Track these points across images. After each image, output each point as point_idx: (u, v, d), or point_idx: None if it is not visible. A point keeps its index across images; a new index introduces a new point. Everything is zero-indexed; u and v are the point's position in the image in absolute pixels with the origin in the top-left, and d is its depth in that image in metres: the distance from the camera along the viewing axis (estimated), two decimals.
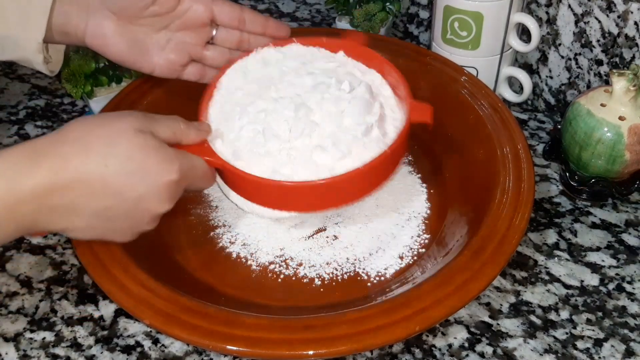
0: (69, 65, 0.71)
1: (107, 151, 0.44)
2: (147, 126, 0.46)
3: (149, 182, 0.45)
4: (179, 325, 0.46)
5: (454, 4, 0.68)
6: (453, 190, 0.61)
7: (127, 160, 0.44)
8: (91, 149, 0.44)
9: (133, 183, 0.45)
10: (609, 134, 0.59)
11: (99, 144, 0.44)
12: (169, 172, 0.46)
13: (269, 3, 0.98)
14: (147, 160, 0.45)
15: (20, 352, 0.53)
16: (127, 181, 0.44)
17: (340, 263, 0.56)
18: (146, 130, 0.46)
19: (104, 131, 0.45)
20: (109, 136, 0.45)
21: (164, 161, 0.46)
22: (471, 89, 0.64)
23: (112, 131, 0.45)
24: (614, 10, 0.65)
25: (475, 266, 0.48)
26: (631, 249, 0.60)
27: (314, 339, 0.45)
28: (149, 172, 0.45)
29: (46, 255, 0.61)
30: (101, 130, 0.45)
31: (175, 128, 0.48)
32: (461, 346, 0.53)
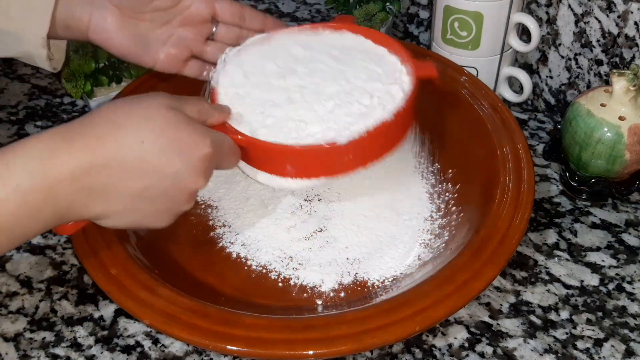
0: (69, 65, 0.71)
1: (142, 128, 0.44)
2: (175, 104, 0.46)
3: (185, 157, 0.45)
4: (179, 325, 0.46)
5: (454, 4, 0.68)
6: (453, 190, 0.61)
7: (161, 135, 0.44)
8: (125, 127, 0.44)
9: (170, 158, 0.44)
10: (609, 134, 0.59)
11: (132, 122, 0.44)
12: (203, 145, 0.46)
13: (269, 3, 0.98)
14: (181, 134, 0.45)
15: (20, 352, 0.53)
16: (164, 157, 0.44)
17: (340, 263, 0.56)
18: (175, 107, 0.46)
19: (136, 110, 0.45)
20: (141, 114, 0.45)
21: (197, 135, 0.46)
22: (471, 89, 0.64)
23: (143, 109, 0.45)
24: (614, 10, 0.65)
25: (475, 266, 0.48)
26: (631, 249, 0.60)
27: (314, 339, 0.45)
28: (184, 146, 0.45)
29: (46, 255, 0.61)
30: (132, 109, 0.45)
31: (200, 107, 0.49)
32: (461, 346, 0.53)
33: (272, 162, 0.52)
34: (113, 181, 0.43)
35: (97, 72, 0.73)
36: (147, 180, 0.44)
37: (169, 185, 0.45)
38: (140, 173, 0.44)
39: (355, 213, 0.59)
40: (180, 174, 0.45)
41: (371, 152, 0.52)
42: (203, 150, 0.46)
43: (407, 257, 0.56)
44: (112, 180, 0.43)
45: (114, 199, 0.44)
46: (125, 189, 0.44)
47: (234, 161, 0.51)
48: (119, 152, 0.43)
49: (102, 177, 0.42)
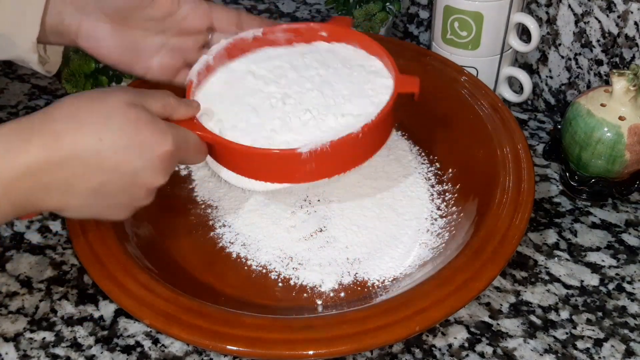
0: (69, 65, 0.71)
1: (101, 125, 0.44)
2: (138, 100, 0.46)
3: (144, 155, 0.45)
4: (179, 325, 0.46)
5: (454, 4, 0.68)
6: (453, 190, 0.61)
7: (121, 133, 0.44)
8: (84, 123, 0.44)
9: (128, 156, 0.44)
10: (609, 134, 0.59)
11: (91, 119, 0.44)
12: (163, 143, 0.45)
13: (269, 3, 0.98)
14: (141, 132, 0.45)
15: (20, 352, 0.53)
16: (123, 155, 0.44)
17: (340, 263, 0.56)
18: (138, 103, 0.46)
19: (96, 106, 0.45)
20: (101, 110, 0.44)
21: (158, 133, 0.45)
22: (471, 89, 0.64)
23: (104, 105, 0.45)
24: (614, 10, 0.65)
25: (475, 266, 0.48)
26: (631, 249, 0.60)
27: (314, 339, 0.45)
28: (144, 144, 0.45)
29: (46, 255, 0.61)
30: (93, 105, 0.45)
31: (165, 102, 0.48)
32: (461, 346, 0.53)
33: (235, 162, 0.52)
34: (70, 177, 0.43)
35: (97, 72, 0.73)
36: (104, 176, 0.44)
37: (127, 182, 0.45)
38: (97, 170, 0.44)
39: (355, 213, 0.59)
40: (139, 171, 0.45)
41: (335, 164, 0.51)
42: (163, 148, 0.45)
43: (407, 257, 0.56)
44: (69, 177, 0.43)
45: (71, 194, 0.44)
46: (83, 185, 0.44)
47: (200, 158, 0.51)
48: (76, 149, 0.43)
49: (59, 174, 0.43)
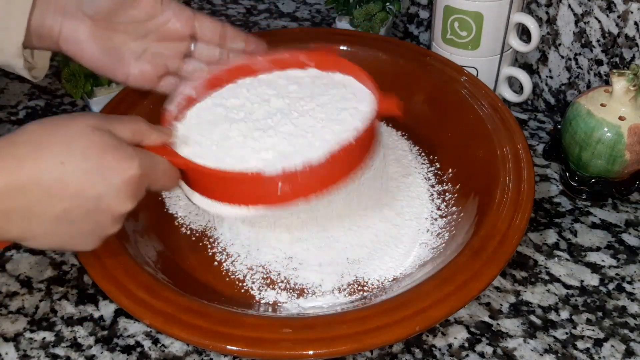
0: (69, 65, 0.71)
1: (64, 150, 0.43)
2: (104, 125, 0.45)
3: (109, 180, 0.44)
4: (179, 325, 0.46)
5: (454, 4, 0.68)
6: (453, 190, 0.61)
7: (84, 158, 0.43)
8: (47, 148, 0.42)
9: (92, 181, 0.43)
10: (609, 134, 0.59)
11: (54, 144, 0.43)
12: (129, 168, 0.44)
13: (269, 3, 0.98)
14: (106, 157, 0.43)
15: (20, 352, 0.53)
16: (86, 180, 0.43)
17: (340, 263, 0.56)
18: (104, 128, 0.45)
19: (60, 131, 0.43)
20: (65, 135, 0.43)
21: (123, 158, 0.44)
22: (471, 89, 0.64)
23: (68, 130, 0.43)
24: (614, 10, 0.65)
25: (475, 266, 0.48)
26: (631, 249, 0.60)
27: (314, 339, 0.45)
28: (108, 169, 0.43)
29: (46, 255, 0.61)
30: (57, 130, 0.43)
31: (135, 128, 0.47)
32: (461, 346, 0.53)
33: (209, 187, 0.51)
34: (31, 204, 0.42)
35: None
36: (67, 203, 0.43)
37: (92, 208, 0.44)
38: (60, 195, 0.42)
39: (355, 213, 0.59)
40: (103, 197, 0.44)
41: (307, 185, 0.50)
42: (128, 173, 0.44)
43: (407, 257, 0.56)
44: (30, 203, 0.42)
45: (33, 222, 0.43)
46: (45, 212, 0.42)
47: (171, 183, 0.50)
48: (37, 174, 0.41)
49: (20, 200, 0.41)
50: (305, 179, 0.49)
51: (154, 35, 0.55)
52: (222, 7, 0.98)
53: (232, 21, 0.94)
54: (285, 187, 0.49)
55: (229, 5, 0.98)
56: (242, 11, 0.96)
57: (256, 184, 0.49)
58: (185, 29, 0.56)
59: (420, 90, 0.67)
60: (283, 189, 0.49)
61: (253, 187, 0.50)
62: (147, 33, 0.55)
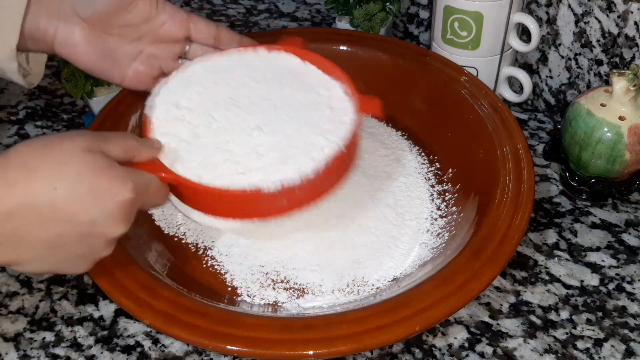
0: (69, 65, 0.71)
1: (55, 173, 0.41)
2: (96, 145, 0.44)
3: (102, 204, 0.42)
4: (179, 325, 0.46)
5: (454, 4, 0.68)
6: (453, 190, 0.61)
7: (77, 182, 0.41)
8: (38, 172, 0.41)
9: (85, 206, 0.42)
10: (609, 134, 0.59)
11: (46, 167, 0.41)
12: (122, 191, 0.43)
13: (269, 3, 0.98)
14: (99, 180, 0.42)
15: (20, 352, 0.53)
16: (79, 204, 0.41)
17: (340, 263, 0.56)
18: (96, 149, 0.43)
19: (51, 153, 0.42)
20: (56, 158, 0.42)
21: (116, 180, 0.43)
22: (471, 89, 0.64)
23: (59, 152, 0.42)
24: (614, 10, 0.65)
25: (475, 266, 0.48)
26: (631, 249, 0.60)
27: (314, 339, 0.45)
28: (101, 192, 0.42)
29: None
30: (48, 152, 0.42)
31: (126, 146, 0.46)
32: (461, 346, 0.53)
33: (200, 202, 0.51)
34: (22, 229, 0.41)
35: None
36: (59, 227, 0.42)
37: (85, 232, 0.43)
38: (52, 221, 0.41)
39: (356, 213, 0.59)
40: (97, 221, 0.43)
41: (303, 197, 0.50)
42: (123, 197, 0.43)
43: (407, 257, 0.56)
44: (21, 228, 0.41)
45: (24, 247, 0.42)
46: (36, 236, 0.41)
47: (161, 201, 0.49)
48: (29, 199, 0.40)
49: (10, 225, 0.40)
50: (303, 192, 0.49)
51: (149, 37, 0.55)
52: (222, 7, 0.98)
53: (232, 21, 0.94)
54: (282, 201, 0.49)
55: (229, 5, 0.98)
56: (242, 11, 0.96)
57: (253, 200, 0.48)
58: (180, 32, 0.56)
59: (420, 90, 0.67)
60: (280, 203, 0.49)
61: (249, 202, 0.49)
62: (142, 36, 0.55)
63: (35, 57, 0.56)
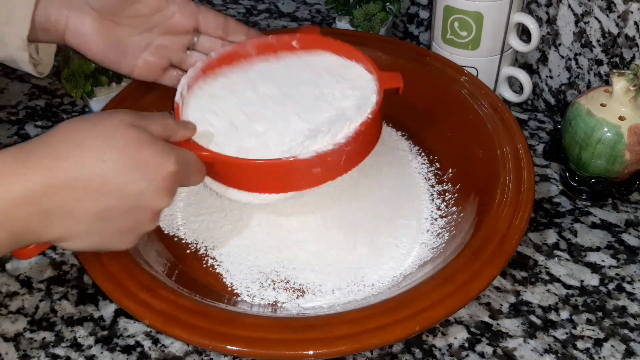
0: (69, 65, 0.71)
1: (103, 147, 0.42)
2: (138, 121, 0.45)
3: (149, 176, 0.44)
4: (179, 325, 0.46)
5: (454, 4, 0.68)
6: (453, 190, 0.61)
7: (123, 154, 0.43)
8: (86, 146, 0.42)
9: (132, 178, 0.43)
10: (609, 134, 0.59)
11: (93, 141, 0.43)
12: (167, 163, 0.44)
13: (269, 3, 0.98)
14: (144, 153, 0.43)
15: (20, 352, 0.53)
16: (126, 177, 0.43)
17: (340, 263, 0.56)
18: (138, 124, 0.45)
19: (98, 128, 0.43)
20: (102, 132, 0.43)
21: (160, 153, 0.44)
22: (471, 89, 0.64)
23: (105, 127, 0.43)
24: (614, 10, 0.65)
25: (475, 266, 0.48)
26: (631, 249, 0.60)
27: (314, 339, 0.45)
28: (148, 165, 0.44)
29: (46, 255, 0.61)
30: (94, 127, 0.43)
31: (165, 124, 0.47)
32: (461, 346, 0.53)
33: (238, 178, 0.52)
34: (72, 202, 0.41)
35: (97, 72, 0.73)
36: (108, 200, 0.43)
37: (132, 205, 0.44)
38: (100, 193, 0.42)
39: (356, 213, 0.59)
40: (144, 193, 0.44)
41: (337, 166, 0.51)
42: (167, 169, 0.44)
43: (407, 257, 0.56)
44: (70, 202, 0.41)
45: (73, 221, 0.42)
46: (85, 210, 0.42)
47: (200, 178, 0.50)
48: (78, 172, 0.41)
49: (60, 199, 0.41)
50: (335, 159, 0.50)
51: (158, 28, 0.56)
52: (222, 7, 0.98)
53: None
54: (316, 170, 0.50)
55: (229, 5, 0.98)
56: (242, 11, 0.96)
57: (290, 170, 0.50)
58: (189, 23, 0.57)
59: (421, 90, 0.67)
60: (315, 171, 0.50)
61: (286, 173, 0.51)
62: (152, 26, 0.56)
63: (45, 47, 0.57)
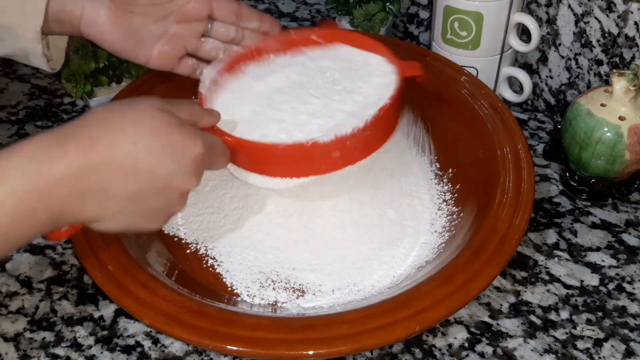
0: (69, 65, 0.71)
1: (134, 129, 0.44)
2: (166, 106, 0.46)
3: (178, 158, 0.45)
4: (179, 325, 0.46)
5: (454, 4, 0.68)
6: (453, 190, 0.61)
7: (153, 137, 0.44)
8: (118, 128, 0.44)
9: (162, 159, 0.45)
10: (609, 134, 0.59)
11: (125, 123, 0.44)
12: (195, 146, 0.46)
13: (269, 3, 0.98)
14: (173, 136, 0.45)
15: (20, 352, 0.53)
16: (157, 158, 0.44)
17: (340, 263, 0.56)
18: (166, 109, 0.46)
19: (129, 112, 0.45)
20: (133, 116, 0.45)
21: (188, 136, 0.46)
22: (471, 89, 0.64)
23: (136, 111, 0.45)
24: (614, 10, 0.65)
25: (475, 266, 0.48)
26: (631, 249, 0.60)
27: (314, 339, 0.45)
28: (176, 147, 0.45)
29: (46, 255, 0.61)
30: (125, 110, 0.45)
31: (191, 110, 0.49)
32: (461, 346, 0.53)
33: (259, 162, 0.53)
34: (106, 183, 0.43)
35: (97, 72, 0.73)
36: (140, 181, 0.44)
37: (162, 185, 0.45)
38: (133, 174, 0.44)
39: (356, 213, 0.59)
40: (173, 174, 0.45)
41: (356, 151, 0.53)
42: (195, 151, 0.46)
43: (407, 257, 0.56)
44: (105, 182, 0.43)
45: (108, 201, 0.44)
46: (119, 190, 0.44)
47: (224, 162, 0.52)
48: (111, 153, 0.43)
49: (96, 179, 0.42)
50: (355, 143, 0.51)
51: (173, 16, 0.57)
52: None
53: None
54: (336, 154, 0.51)
55: None
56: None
57: (310, 154, 0.51)
58: (203, 10, 0.58)
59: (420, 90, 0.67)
60: (335, 155, 0.51)
61: (307, 157, 0.51)
62: (167, 15, 0.57)
63: (56, 43, 0.57)
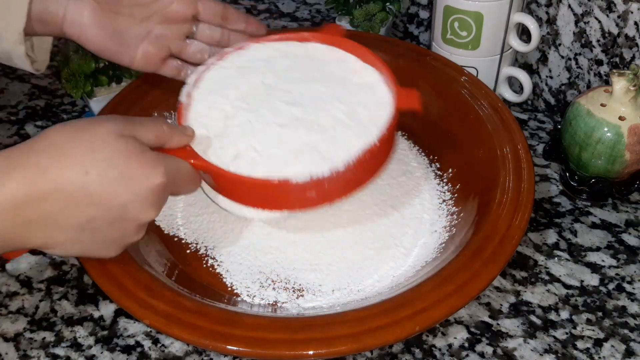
0: (69, 65, 0.71)
1: (87, 158, 0.42)
2: (128, 130, 0.44)
3: (134, 189, 0.43)
4: (179, 325, 0.46)
5: (454, 4, 0.68)
6: (453, 190, 0.61)
7: (108, 166, 0.42)
8: (70, 156, 0.41)
9: (116, 190, 0.42)
10: (609, 134, 0.59)
11: (78, 151, 0.42)
12: (154, 176, 0.43)
13: (269, 3, 0.98)
14: (130, 165, 0.43)
15: (20, 352, 0.53)
16: (110, 189, 0.42)
17: (340, 263, 0.56)
18: (127, 134, 0.44)
19: (83, 137, 0.43)
20: (88, 142, 0.42)
21: (148, 165, 0.43)
22: (471, 89, 0.64)
23: (91, 137, 0.43)
24: (614, 10, 0.65)
25: (475, 266, 0.48)
26: (631, 249, 0.60)
27: (314, 339, 0.45)
28: (133, 177, 0.43)
29: (46, 255, 0.61)
30: (80, 135, 0.43)
31: (158, 131, 0.46)
32: (461, 346, 0.53)
33: (230, 190, 0.51)
34: (54, 212, 0.41)
35: (97, 72, 0.73)
36: (91, 211, 0.42)
37: (116, 217, 0.43)
38: (84, 205, 0.42)
39: (356, 213, 0.59)
40: (129, 206, 0.43)
41: (334, 191, 0.50)
42: (154, 181, 0.43)
43: (408, 258, 0.56)
44: (53, 212, 0.41)
45: (56, 231, 0.42)
46: (68, 220, 0.42)
47: (193, 187, 0.49)
48: (61, 182, 0.41)
49: (42, 209, 0.41)
50: (333, 185, 0.48)
51: (157, 17, 0.56)
52: None
53: None
54: (311, 193, 0.48)
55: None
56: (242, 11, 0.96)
57: (282, 191, 0.48)
58: (188, 11, 0.56)
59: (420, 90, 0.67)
60: (310, 195, 0.49)
61: (278, 193, 0.49)
62: (151, 15, 0.55)
63: (40, 44, 0.56)
